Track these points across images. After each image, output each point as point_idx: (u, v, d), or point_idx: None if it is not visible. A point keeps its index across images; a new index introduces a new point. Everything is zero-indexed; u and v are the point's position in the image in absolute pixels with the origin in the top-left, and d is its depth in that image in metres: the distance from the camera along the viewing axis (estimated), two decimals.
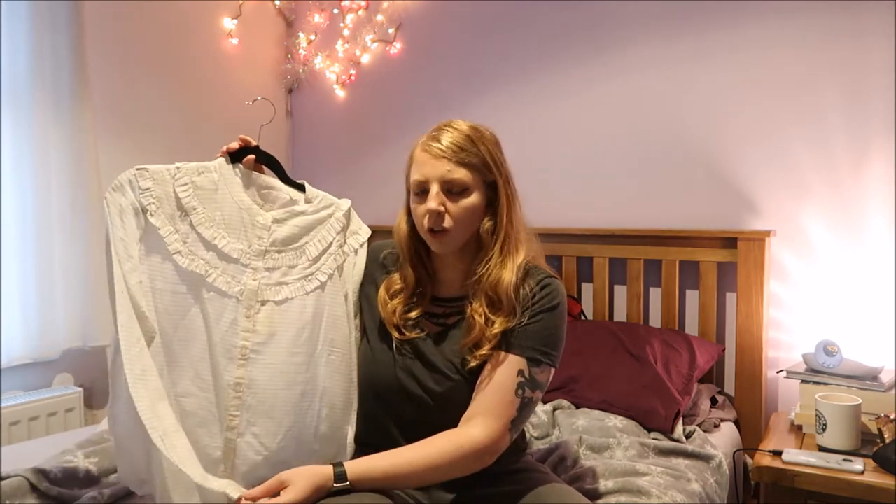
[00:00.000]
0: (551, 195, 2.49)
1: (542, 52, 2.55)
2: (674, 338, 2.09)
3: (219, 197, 1.32)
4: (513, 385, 1.20)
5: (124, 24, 2.56)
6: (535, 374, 1.22)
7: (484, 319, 1.23)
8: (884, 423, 1.68)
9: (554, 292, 1.26)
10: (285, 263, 1.33)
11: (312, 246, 1.35)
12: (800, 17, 2.08)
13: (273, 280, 1.32)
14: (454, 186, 1.23)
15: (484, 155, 1.24)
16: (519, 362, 1.21)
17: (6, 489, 1.39)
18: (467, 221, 1.25)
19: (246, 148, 1.34)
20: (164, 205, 1.29)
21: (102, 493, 1.44)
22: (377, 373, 1.31)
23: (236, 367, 1.27)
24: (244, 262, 1.31)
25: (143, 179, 1.28)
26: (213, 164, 1.34)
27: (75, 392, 2.32)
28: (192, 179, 1.31)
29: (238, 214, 1.32)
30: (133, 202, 1.26)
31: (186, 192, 1.30)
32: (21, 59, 2.20)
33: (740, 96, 2.19)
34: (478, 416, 1.19)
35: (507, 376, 1.21)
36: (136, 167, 1.28)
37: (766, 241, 2.08)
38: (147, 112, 2.64)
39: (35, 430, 2.18)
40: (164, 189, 1.29)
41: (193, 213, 1.30)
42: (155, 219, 1.28)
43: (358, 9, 2.97)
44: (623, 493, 1.47)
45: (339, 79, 3.04)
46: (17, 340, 2.20)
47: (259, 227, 1.33)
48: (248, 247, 1.32)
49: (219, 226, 1.31)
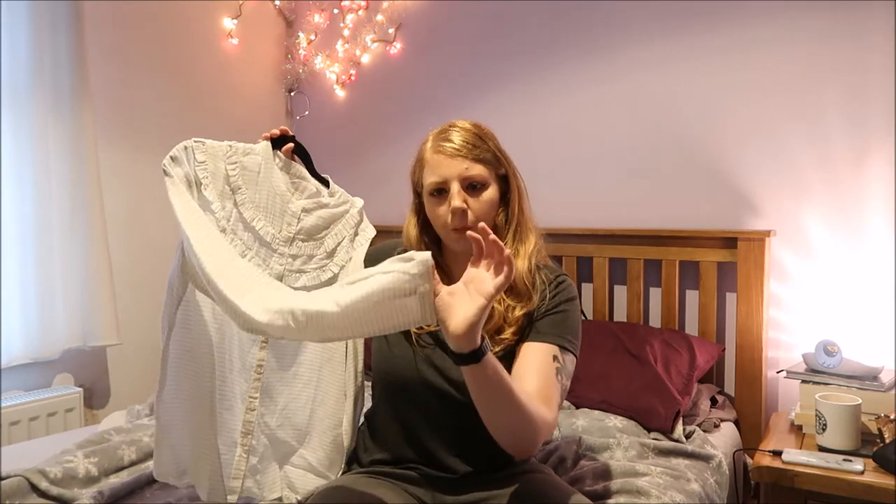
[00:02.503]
0: (551, 195, 2.48)
1: (541, 51, 2.55)
2: (674, 338, 2.09)
3: (260, 180, 1.34)
4: (552, 371, 1.21)
5: (124, 24, 2.56)
6: (567, 362, 1.25)
7: (503, 306, 1.25)
8: (884, 423, 1.68)
9: (571, 286, 1.32)
10: (306, 252, 1.36)
11: (330, 239, 1.39)
12: (800, 17, 2.08)
13: (295, 267, 1.35)
14: (474, 182, 1.25)
15: (493, 149, 1.28)
16: (552, 350, 1.23)
17: (6, 489, 1.39)
18: (489, 215, 1.28)
19: (284, 136, 1.37)
20: (215, 180, 1.30)
21: (102, 493, 1.44)
22: (397, 365, 1.32)
23: (259, 349, 1.33)
24: (274, 247, 1.34)
25: (199, 153, 1.28)
26: (259, 148, 1.35)
27: (75, 392, 2.32)
28: (240, 159, 1.32)
29: (273, 199, 1.35)
30: (188, 173, 1.27)
31: (235, 170, 1.32)
32: (21, 59, 2.20)
33: (740, 96, 2.19)
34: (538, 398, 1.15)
35: (545, 360, 1.22)
36: (193, 139, 1.29)
37: (766, 241, 2.08)
38: (147, 112, 2.64)
39: (35, 430, 2.18)
40: (215, 165, 1.30)
41: (238, 192, 1.32)
42: (208, 193, 1.28)
43: (358, 9, 2.97)
44: (623, 494, 1.47)
45: (339, 79, 3.04)
46: (17, 340, 2.20)
47: (289, 215, 1.35)
48: (278, 232, 1.34)
49: (258, 208, 1.33)
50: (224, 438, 1.30)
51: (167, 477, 1.33)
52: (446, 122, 1.32)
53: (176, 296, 1.25)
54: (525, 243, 1.30)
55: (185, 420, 1.29)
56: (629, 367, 1.98)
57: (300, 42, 3.11)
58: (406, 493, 1.26)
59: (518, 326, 1.25)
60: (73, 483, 1.49)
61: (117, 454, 1.62)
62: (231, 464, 1.29)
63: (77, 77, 2.29)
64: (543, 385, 1.18)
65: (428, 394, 1.28)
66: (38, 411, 2.20)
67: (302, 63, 3.12)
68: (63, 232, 2.27)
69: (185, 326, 1.27)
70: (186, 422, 1.29)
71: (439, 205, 1.26)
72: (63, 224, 2.27)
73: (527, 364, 1.21)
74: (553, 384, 1.19)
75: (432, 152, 1.27)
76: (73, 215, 2.28)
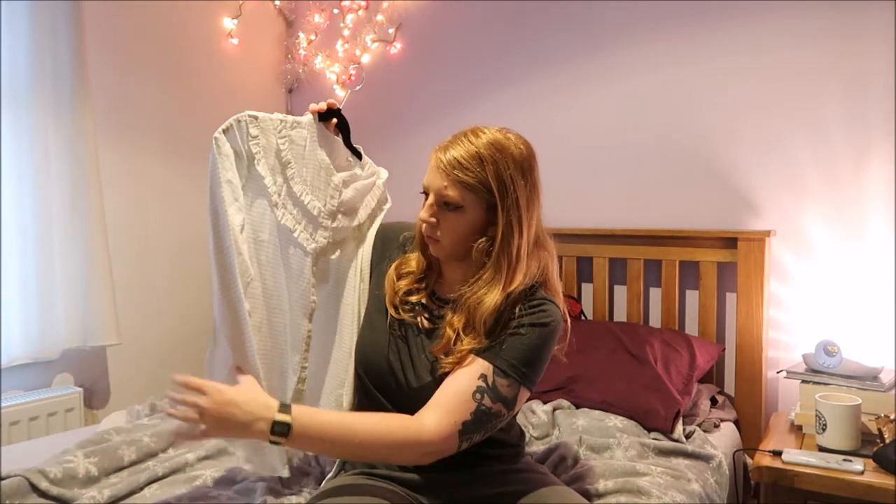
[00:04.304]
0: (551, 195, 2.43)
1: (542, 51, 2.55)
2: (674, 338, 2.09)
3: (306, 154, 1.34)
4: (471, 387, 1.16)
5: (124, 24, 2.56)
6: (498, 385, 1.17)
7: (455, 334, 1.22)
8: (884, 423, 1.68)
9: (546, 312, 1.21)
10: (344, 224, 1.38)
11: (363, 210, 1.41)
12: (800, 17, 2.08)
13: (335, 239, 1.37)
14: (447, 202, 1.22)
15: (488, 177, 1.19)
16: (484, 367, 1.18)
17: (6, 489, 1.39)
18: (457, 236, 1.24)
19: (331, 110, 1.37)
20: (267, 155, 1.29)
21: (102, 493, 1.44)
22: (370, 351, 1.32)
23: (308, 321, 1.35)
24: (320, 221, 1.35)
25: (252, 127, 1.27)
26: (305, 121, 1.35)
27: (75, 392, 2.31)
28: (288, 133, 1.32)
29: (318, 174, 1.35)
30: (239, 148, 1.26)
31: (285, 144, 1.31)
32: (21, 59, 2.20)
33: (740, 96, 2.19)
34: (431, 407, 1.16)
35: (467, 377, 1.17)
36: (247, 112, 1.27)
37: (766, 241, 2.08)
38: (147, 112, 2.63)
39: (35, 430, 2.18)
40: (267, 139, 1.29)
41: (288, 167, 1.31)
42: (261, 167, 1.28)
43: (358, 9, 2.97)
44: (623, 494, 1.47)
45: (339, 79, 3.04)
46: (17, 340, 2.20)
47: (332, 188, 1.36)
48: (322, 205, 1.35)
49: (305, 182, 1.33)
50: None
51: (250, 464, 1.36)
52: (477, 126, 1.25)
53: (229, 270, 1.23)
54: (505, 281, 1.20)
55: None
56: (629, 367, 1.98)
57: (300, 42, 3.11)
58: (403, 495, 1.26)
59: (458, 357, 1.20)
60: (73, 483, 1.48)
61: (117, 454, 1.61)
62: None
63: (77, 77, 2.29)
64: (449, 396, 1.16)
65: (391, 379, 1.28)
66: (38, 411, 2.20)
67: (302, 63, 3.12)
68: (63, 232, 2.26)
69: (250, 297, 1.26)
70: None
71: (422, 206, 1.26)
72: (63, 224, 2.26)
73: (450, 375, 1.19)
74: (464, 400, 1.15)
75: (433, 154, 1.25)
76: (73, 215, 2.28)
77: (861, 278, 2.03)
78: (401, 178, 1.34)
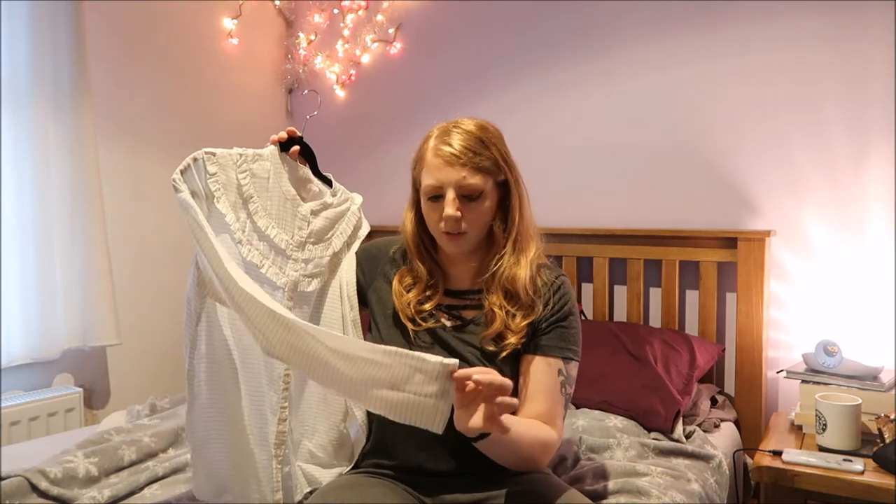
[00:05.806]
0: (551, 195, 2.48)
1: (542, 51, 2.55)
2: (674, 338, 2.09)
3: (270, 186, 1.32)
4: (556, 384, 1.26)
5: (124, 24, 2.56)
6: (570, 371, 1.29)
7: (504, 312, 1.26)
8: (884, 423, 1.68)
9: (570, 290, 1.33)
10: (317, 255, 1.35)
11: (336, 239, 1.37)
12: (800, 17, 2.08)
13: (307, 271, 1.34)
14: (470, 192, 1.23)
15: (495, 155, 1.26)
16: (556, 363, 1.27)
17: (6, 489, 1.39)
18: (483, 224, 1.28)
19: (292, 139, 1.35)
20: (227, 191, 1.27)
21: (102, 493, 1.44)
22: None
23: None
24: (288, 253, 1.32)
25: (210, 164, 1.25)
26: (266, 153, 1.33)
27: (75, 392, 2.32)
28: (250, 167, 1.30)
29: (284, 205, 1.33)
30: (197, 187, 1.23)
31: (246, 179, 1.29)
32: (21, 59, 2.20)
33: (741, 96, 2.19)
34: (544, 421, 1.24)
35: (548, 377, 1.26)
36: (204, 150, 1.25)
37: (766, 241, 2.08)
38: (147, 112, 2.63)
39: (35, 430, 2.18)
40: (227, 175, 1.27)
41: (251, 201, 1.29)
42: (221, 205, 1.25)
43: (358, 9, 2.97)
44: (623, 494, 1.47)
45: (339, 79, 3.04)
46: (17, 340, 2.20)
47: (300, 219, 1.34)
48: (290, 237, 1.33)
49: (270, 215, 1.31)
50: (260, 452, 1.28)
51: (206, 496, 1.31)
52: (451, 120, 1.29)
53: (195, 312, 1.24)
54: (526, 251, 1.29)
55: (221, 434, 1.27)
56: (629, 367, 1.98)
57: (300, 42, 3.11)
58: (406, 493, 1.26)
59: (522, 334, 1.26)
60: (73, 483, 1.48)
61: (117, 454, 1.62)
62: (270, 477, 1.28)
63: (77, 77, 2.29)
64: (550, 406, 1.25)
65: None
66: (38, 411, 2.20)
67: (302, 63, 3.12)
68: (63, 232, 2.27)
69: (208, 342, 1.25)
70: (222, 436, 1.27)
71: (434, 209, 1.26)
72: (63, 224, 2.27)
73: (534, 384, 1.26)
74: (558, 401, 1.26)
75: (432, 154, 1.25)
76: (73, 215, 2.28)
77: (861, 278, 2.02)
78: (400, 178, 1.34)
